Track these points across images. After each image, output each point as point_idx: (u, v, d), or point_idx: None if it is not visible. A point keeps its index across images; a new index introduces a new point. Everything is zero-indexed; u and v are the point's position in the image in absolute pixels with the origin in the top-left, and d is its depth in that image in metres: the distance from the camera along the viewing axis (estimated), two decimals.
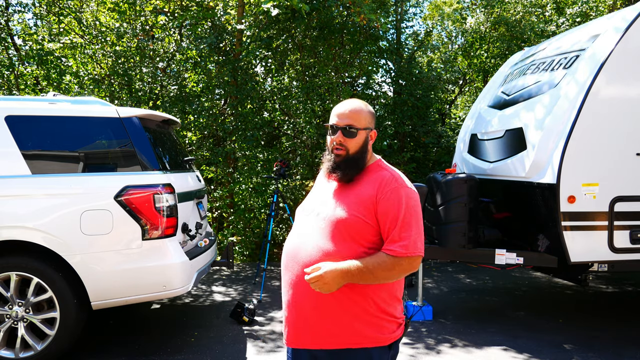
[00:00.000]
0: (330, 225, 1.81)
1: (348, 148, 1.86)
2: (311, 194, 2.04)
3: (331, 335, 1.79)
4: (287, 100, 9.02)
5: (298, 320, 1.84)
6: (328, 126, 1.92)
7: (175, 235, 3.86)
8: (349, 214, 1.79)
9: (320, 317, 1.80)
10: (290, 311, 1.86)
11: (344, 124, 1.86)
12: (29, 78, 9.68)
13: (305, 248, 1.83)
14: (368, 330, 1.80)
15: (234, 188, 8.69)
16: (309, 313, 1.81)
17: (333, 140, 1.88)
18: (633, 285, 6.21)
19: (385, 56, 9.75)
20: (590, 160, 4.19)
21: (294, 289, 1.84)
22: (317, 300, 1.79)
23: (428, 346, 4.17)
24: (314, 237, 1.83)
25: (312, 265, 1.77)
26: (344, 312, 1.78)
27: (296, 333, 1.85)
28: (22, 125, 3.70)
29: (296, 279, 1.83)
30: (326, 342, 1.80)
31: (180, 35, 9.77)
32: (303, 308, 1.82)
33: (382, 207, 1.78)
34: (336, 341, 1.79)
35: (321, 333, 1.81)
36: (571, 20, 10.96)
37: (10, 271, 3.58)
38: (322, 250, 1.79)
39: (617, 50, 4.16)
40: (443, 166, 9.20)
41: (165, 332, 4.48)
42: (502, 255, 4.53)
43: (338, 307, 1.78)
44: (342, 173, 1.87)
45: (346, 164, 1.86)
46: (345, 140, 1.86)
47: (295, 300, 1.84)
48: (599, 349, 4.08)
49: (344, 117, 1.87)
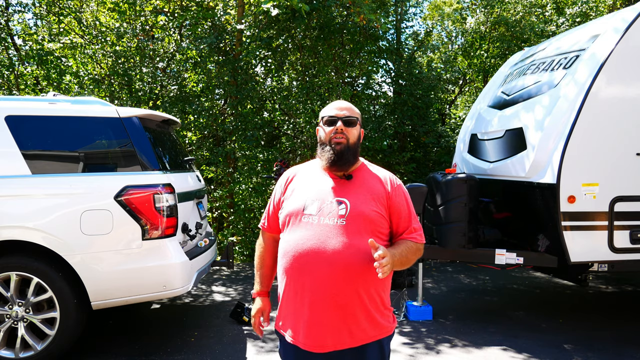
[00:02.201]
0: (352, 222, 1.83)
1: (348, 137, 1.93)
2: (299, 194, 1.96)
3: (356, 332, 1.84)
4: (287, 100, 9.02)
5: (326, 322, 1.82)
6: (324, 120, 1.96)
7: (175, 235, 3.86)
8: (369, 209, 1.86)
9: (349, 315, 1.83)
10: (314, 313, 1.83)
11: (343, 114, 1.94)
12: (29, 78, 9.68)
13: (329, 248, 1.81)
14: (383, 321, 1.90)
15: (234, 188, 8.69)
16: (339, 313, 1.82)
17: (333, 130, 1.92)
18: (633, 285, 6.21)
19: (385, 56, 9.76)
20: (590, 160, 4.19)
21: (322, 290, 1.81)
22: (349, 298, 1.81)
23: (428, 346, 4.17)
24: (336, 236, 1.82)
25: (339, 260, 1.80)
26: (369, 306, 1.85)
27: (322, 336, 1.83)
28: (22, 125, 3.70)
29: (323, 279, 1.81)
30: (351, 340, 1.84)
31: (180, 35, 9.77)
32: (336, 308, 1.81)
33: (394, 202, 1.93)
34: (359, 338, 1.85)
35: (348, 332, 1.83)
36: (571, 20, 10.97)
37: (10, 271, 3.58)
38: (351, 247, 1.81)
39: (617, 50, 4.16)
40: (443, 166, 9.20)
41: (165, 332, 4.48)
42: (502, 255, 4.53)
43: (360, 303, 1.83)
44: (345, 161, 1.91)
45: (347, 152, 1.92)
46: (346, 130, 1.93)
47: (325, 301, 1.81)
48: (599, 349, 4.08)
49: (342, 109, 1.96)
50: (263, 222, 2.15)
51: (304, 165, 2.10)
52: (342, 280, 1.80)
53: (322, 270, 1.81)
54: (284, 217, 1.95)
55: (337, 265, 1.80)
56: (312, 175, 2.01)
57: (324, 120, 1.96)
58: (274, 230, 2.09)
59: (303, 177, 2.02)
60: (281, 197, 2.03)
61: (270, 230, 2.11)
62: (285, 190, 2.02)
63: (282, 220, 1.97)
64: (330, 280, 1.80)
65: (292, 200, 1.96)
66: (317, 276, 1.82)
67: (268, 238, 2.14)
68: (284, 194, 2.02)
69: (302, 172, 2.05)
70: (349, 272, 1.80)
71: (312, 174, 2.01)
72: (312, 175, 2.01)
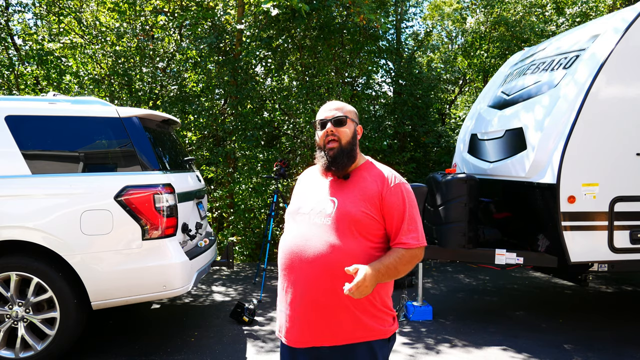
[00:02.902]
0: (337, 222, 1.83)
1: (340, 138, 1.92)
2: (300, 195, 2.02)
3: (337, 331, 1.82)
4: (287, 100, 9.02)
5: (303, 319, 1.84)
6: (316, 125, 1.98)
7: (175, 235, 3.86)
8: (356, 210, 1.83)
9: (328, 314, 1.81)
10: (295, 310, 1.85)
11: (332, 115, 1.95)
12: (29, 78, 9.68)
13: (312, 246, 1.83)
14: (373, 323, 1.85)
15: (234, 188, 8.69)
16: (318, 311, 1.82)
17: (325, 133, 1.93)
18: (633, 285, 6.21)
19: (385, 56, 9.75)
20: (590, 160, 4.19)
21: (302, 288, 1.83)
22: (329, 297, 1.80)
23: (428, 346, 4.17)
24: (320, 235, 1.83)
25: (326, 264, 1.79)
26: (353, 307, 1.82)
27: (301, 331, 1.85)
28: (22, 125, 3.70)
29: (304, 277, 1.83)
30: (331, 338, 1.83)
31: (180, 35, 9.77)
32: (314, 306, 1.82)
33: (388, 202, 1.85)
34: (341, 337, 1.82)
35: (327, 329, 1.82)
36: (571, 20, 10.97)
37: (10, 271, 3.58)
38: (332, 247, 1.80)
39: (617, 50, 4.16)
40: (443, 166, 9.20)
41: (165, 332, 4.48)
42: (502, 255, 4.53)
43: (348, 303, 1.81)
44: (339, 165, 1.91)
45: (341, 155, 1.91)
46: (336, 130, 1.92)
47: (303, 299, 1.83)
48: (599, 349, 4.08)
49: (330, 110, 1.96)
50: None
51: (313, 168, 2.13)
52: (321, 279, 1.80)
53: (304, 268, 1.83)
54: (286, 218, 2.02)
55: (317, 264, 1.80)
56: (314, 176, 2.06)
57: (316, 125, 1.99)
58: None
59: (310, 178, 2.07)
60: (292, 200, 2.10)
61: None
62: (295, 192, 2.10)
63: (285, 221, 2.03)
64: (310, 278, 1.81)
65: (294, 201, 2.03)
66: (300, 274, 1.84)
67: None
68: (293, 195, 2.10)
69: (309, 174, 2.11)
70: (329, 271, 1.79)
71: (314, 175, 2.06)
72: (314, 176, 2.06)
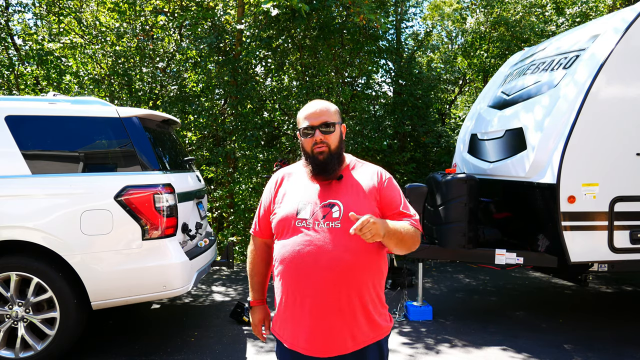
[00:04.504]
0: (348, 224, 1.74)
1: (330, 144, 1.88)
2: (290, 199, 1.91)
3: (357, 335, 1.81)
4: (287, 100, 9.02)
5: (326, 327, 1.79)
6: (301, 131, 1.91)
7: (175, 235, 3.86)
8: (362, 209, 1.80)
9: (350, 319, 1.80)
10: (315, 319, 1.80)
11: (319, 122, 1.88)
12: (29, 78, 9.68)
13: (327, 252, 1.78)
14: (381, 322, 1.87)
15: (234, 188, 8.69)
16: (341, 317, 1.79)
17: (312, 140, 1.87)
18: (633, 285, 6.21)
19: (385, 56, 9.75)
20: (590, 160, 4.19)
21: (322, 295, 1.78)
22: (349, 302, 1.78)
23: (427, 346, 4.17)
24: (332, 240, 1.79)
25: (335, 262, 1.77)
26: (366, 309, 1.82)
27: (324, 340, 1.80)
28: (22, 125, 3.70)
29: (323, 284, 1.77)
30: (353, 344, 1.81)
31: (180, 35, 9.78)
32: (339, 313, 1.78)
33: (385, 195, 1.89)
34: (360, 340, 1.82)
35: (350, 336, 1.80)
36: (571, 20, 10.97)
37: (10, 271, 3.58)
38: (348, 250, 1.78)
39: (617, 50, 4.16)
40: (443, 166, 9.19)
41: (165, 332, 4.48)
42: (502, 255, 4.53)
43: (361, 306, 1.80)
44: (330, 170, 1.87)
45: (331, 159, 1.87)
46: (325, 137, 1.87)
47: (325, 307, 1.78)
48: (599, 349, 4.08)
49: (316, 116, 1.89)
50: (254, 228, 2.08)
51: (293, 167, 2.04)
52: (342, 284, 1.77)
53: (321, 275, 1.77)
54: (277, 223, 1.90)
55: (336, 270, 1.77)
56: (302, 177, 1.95)
57: (301, 132, 1.91)
58: (265, 235, 2.03)
59: (293, 179, 1.97)
60: (272, 201, 1.97)
61: (261, 235, 2.05)
62: (276, 194, 1.96)
63: (275, 225, 1.91)
64: (330, 285, 1.77)
65: (284, 204, 1.91)
66: (316, 281, 1.78)
67: (260, 243, 2.08)
68: (275, 197, 1.96)
69: (292, 174, 1.99)
70: (349, 275, 1.77)
71: (302, 176, 1.96)
72: (302, 177, 1.95)
